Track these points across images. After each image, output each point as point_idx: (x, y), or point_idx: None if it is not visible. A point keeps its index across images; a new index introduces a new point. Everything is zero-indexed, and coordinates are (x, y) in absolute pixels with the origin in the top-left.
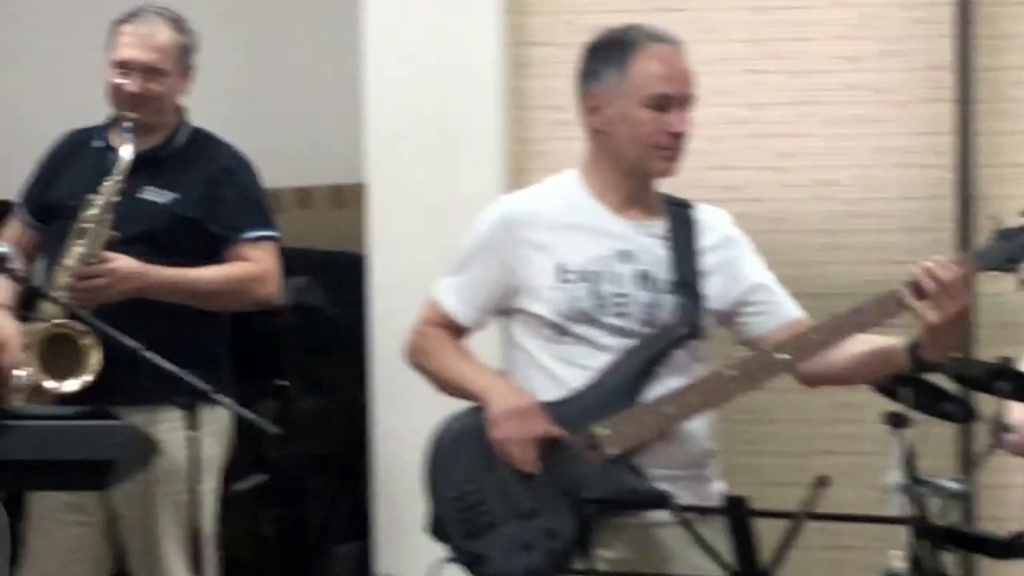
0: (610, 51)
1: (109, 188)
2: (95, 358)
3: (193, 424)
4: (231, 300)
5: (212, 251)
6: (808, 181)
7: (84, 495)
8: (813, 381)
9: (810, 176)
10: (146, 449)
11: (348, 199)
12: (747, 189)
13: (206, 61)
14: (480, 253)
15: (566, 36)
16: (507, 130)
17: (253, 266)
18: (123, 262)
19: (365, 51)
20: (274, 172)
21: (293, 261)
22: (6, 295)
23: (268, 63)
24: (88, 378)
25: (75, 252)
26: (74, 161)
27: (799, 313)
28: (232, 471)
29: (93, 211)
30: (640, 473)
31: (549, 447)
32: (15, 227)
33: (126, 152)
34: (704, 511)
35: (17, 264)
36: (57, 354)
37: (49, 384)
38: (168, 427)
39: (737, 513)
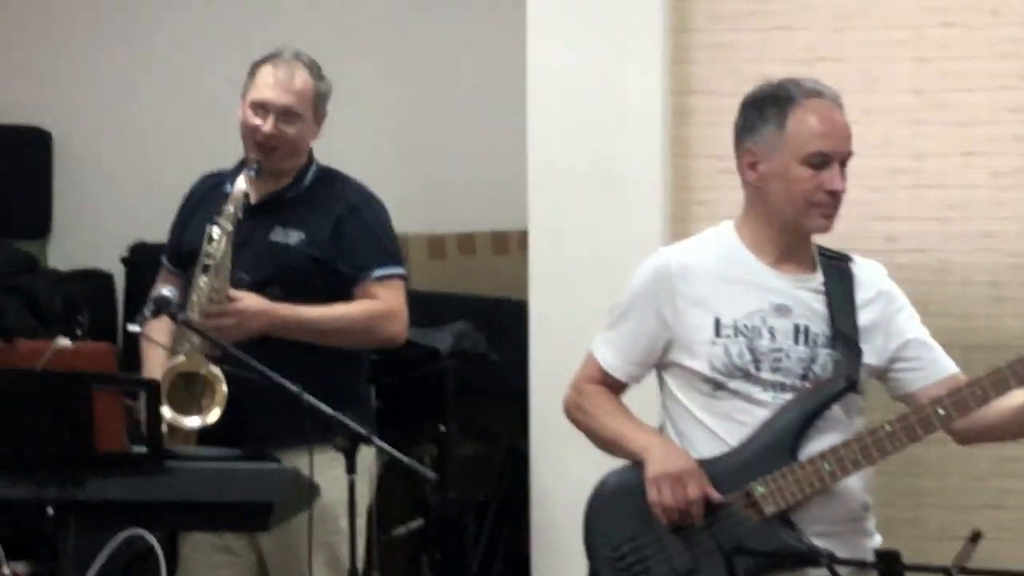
0: (767, 106)
1: (225, 219)
2: (221, 394)
3: (352, 467)
4: (358, 339)
5: (342, 290)
6: (972, 232)
7: (233, 536)
8: (967, 438)
9: (974, 227)
10: (305, 491)
11: (510, 245)
12: (911, 240)
13: (372, 107)
14: (636, 307)
15: (728, 85)
16: (669, 179)
17: (379, 304)
18: (250, 301)
19: (529, 98)
20: (437, 217)
21: (455, 306)
22: (168, 339)
23: (433, 110)
24: (215, 414)
25: (200, 288)
26: (206, 205)
27: (954, 369)
28: (391, 515)
29: (213, 244)
30: (797, 530)
31: (707, 506)
32: (163, 274)
33: (240, 184)
34: (857, 564)
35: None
36: (186, 391)
37: (177, 420)
38: (323, 468)
39: (890, 567)
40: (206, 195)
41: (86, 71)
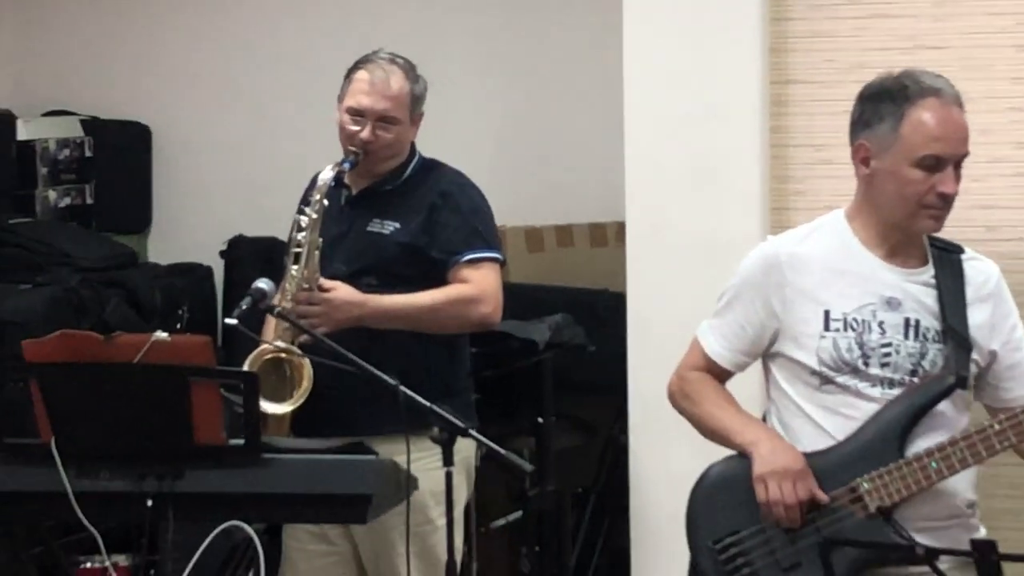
0: (884, 103)
1: (312, 208)
2: (307, 380)
3: (448, 459)
4: (448, 323)
5: (436, 276)
6: None
7: (329, 526)
8: None
9: None
10: (403, 483)
11: (608, 237)
12: (1012, 229)
13: (470, 101)
14: (744, 295)
15: (827, 74)
16: (767, 169)
17: (468, 287)
18: (340, 292)
19: (626, 89)
20: (535, 210)
21: (552, 298)
22: (271, 331)
23: (530, 103)
24: (298, 400)
25: (292, 276)
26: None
27: None
28: (489, 508)
29: (302, 233)
30: (901, 527)
31: (812, 503)
32: None
33: (326, 173)
34: (953, 555)
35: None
36: (276, 377)
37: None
38: (419, 459)
39: (986, 557)
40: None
41: (185, 66)
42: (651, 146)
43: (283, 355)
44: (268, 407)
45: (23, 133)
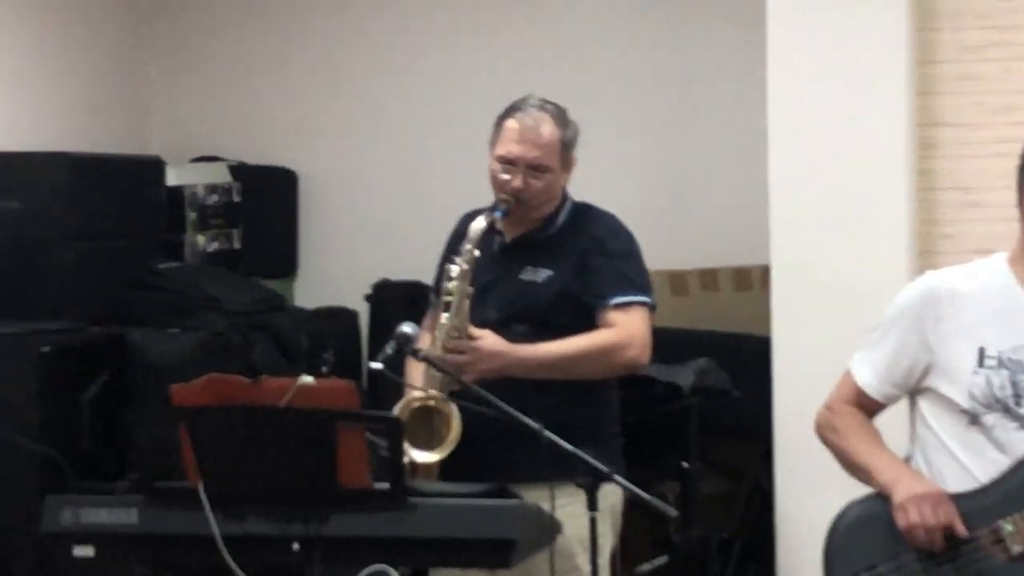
0: None
1: (463, 258)
2: (455, 430)
3: (593, 504)
4: (595, 369)
5: (587, 322)
6: None
7: (476, 571)
8: None
9: None
10: (547, 528)
11: (752, 281)
12: None
13: (616, 144)
14: (900, 327)
15: (975, 117)
16: (913, 212)
17: (615, 332)
18: (487, 341)
19: (771, 132)
20: (679, 254)
21: (697, 342)
22: (418, 376)
23: (675, 146)
24: (447, 449)
25: (443, 324)
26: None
27: None
28: (635, 553)
29: (452, 283)
30: None
31: (953, 540)
32: (431, 311)
33: (478, 223)
34: None
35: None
36: (423, 425)
37: (408, 453)
38: (564, 504)
39: None
40: (466, 233)
41: (331, 112)
42: (796, 189)
43: (432, 403)
44: (417, 455)
45: (172, 179)
